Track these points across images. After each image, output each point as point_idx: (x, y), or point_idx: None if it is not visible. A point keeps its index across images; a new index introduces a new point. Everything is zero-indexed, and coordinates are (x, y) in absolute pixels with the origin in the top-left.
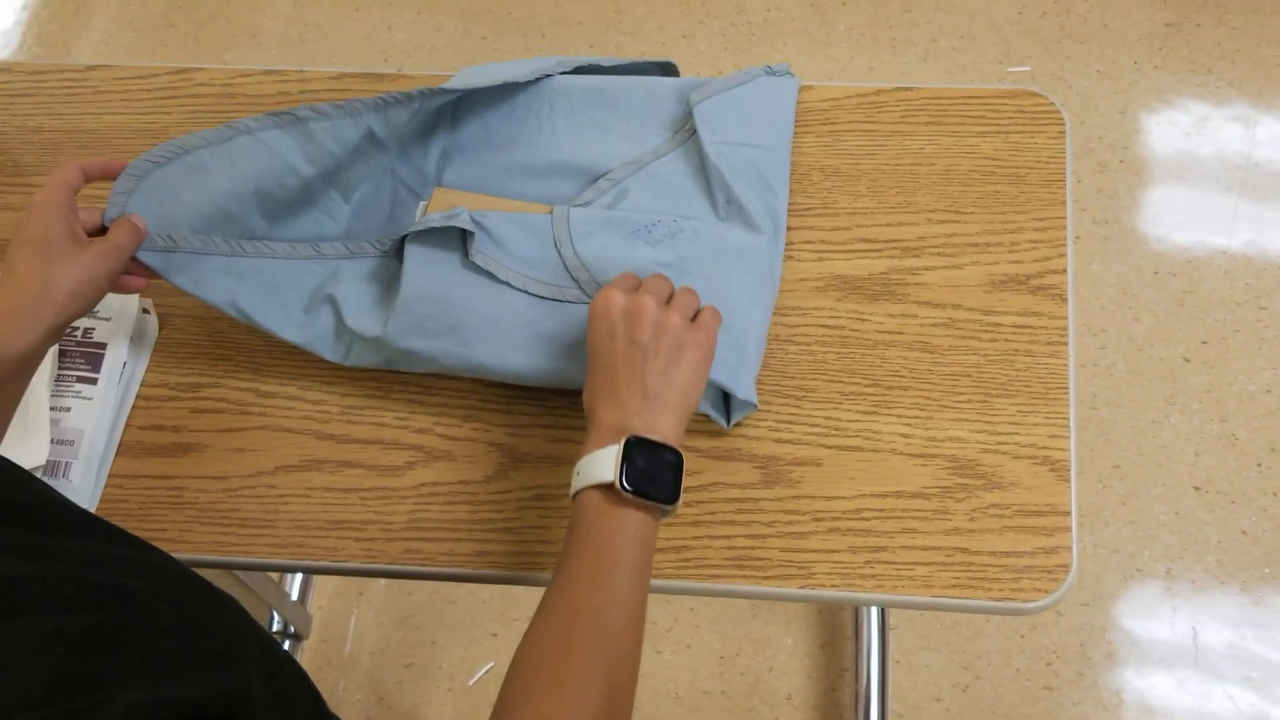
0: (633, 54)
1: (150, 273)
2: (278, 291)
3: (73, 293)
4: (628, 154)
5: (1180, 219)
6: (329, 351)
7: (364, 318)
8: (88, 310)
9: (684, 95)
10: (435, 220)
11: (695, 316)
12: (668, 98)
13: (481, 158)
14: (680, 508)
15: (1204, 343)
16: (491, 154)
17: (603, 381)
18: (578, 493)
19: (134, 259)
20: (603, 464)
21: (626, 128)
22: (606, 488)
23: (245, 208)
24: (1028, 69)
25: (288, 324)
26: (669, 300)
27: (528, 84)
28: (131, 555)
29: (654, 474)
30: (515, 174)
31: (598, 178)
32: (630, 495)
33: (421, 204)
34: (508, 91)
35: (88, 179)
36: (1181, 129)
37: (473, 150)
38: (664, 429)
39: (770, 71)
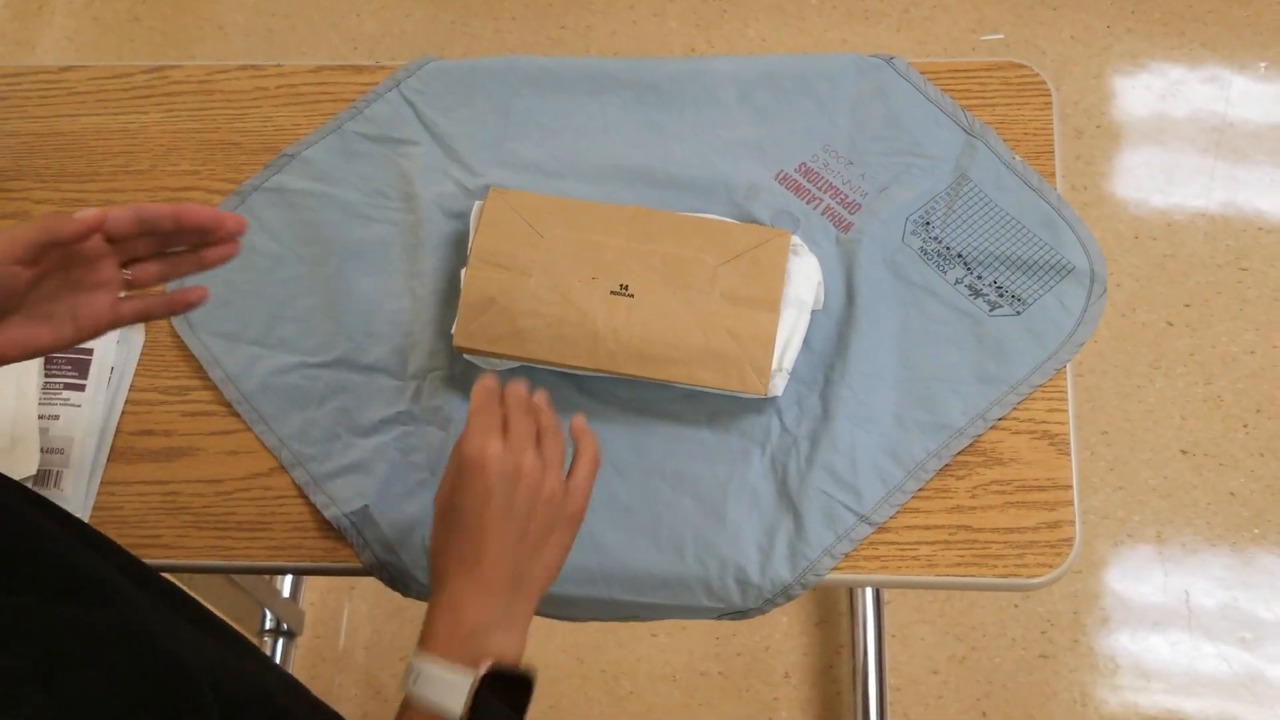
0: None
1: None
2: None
3: None
4: (681, 155)
5: (1158, 182)
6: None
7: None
8: None
9: (739, 81)
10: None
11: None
12: (721, 90)
13: (529, 152)
14: None
15: (1186, 306)
16: (540, 148)
17: (467, 547)
18: (411, 699)
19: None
20: (450, 692)
21: (681, 127)
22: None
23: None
24: (1001, 37)
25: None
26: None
27: (576, 74)
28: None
29: (507, 709)
30: (566, 176)
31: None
32: None
33: (476, 204)
34: (554, 82)
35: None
36: (1156, 92)
37: (519, 145)
38: (520, 629)
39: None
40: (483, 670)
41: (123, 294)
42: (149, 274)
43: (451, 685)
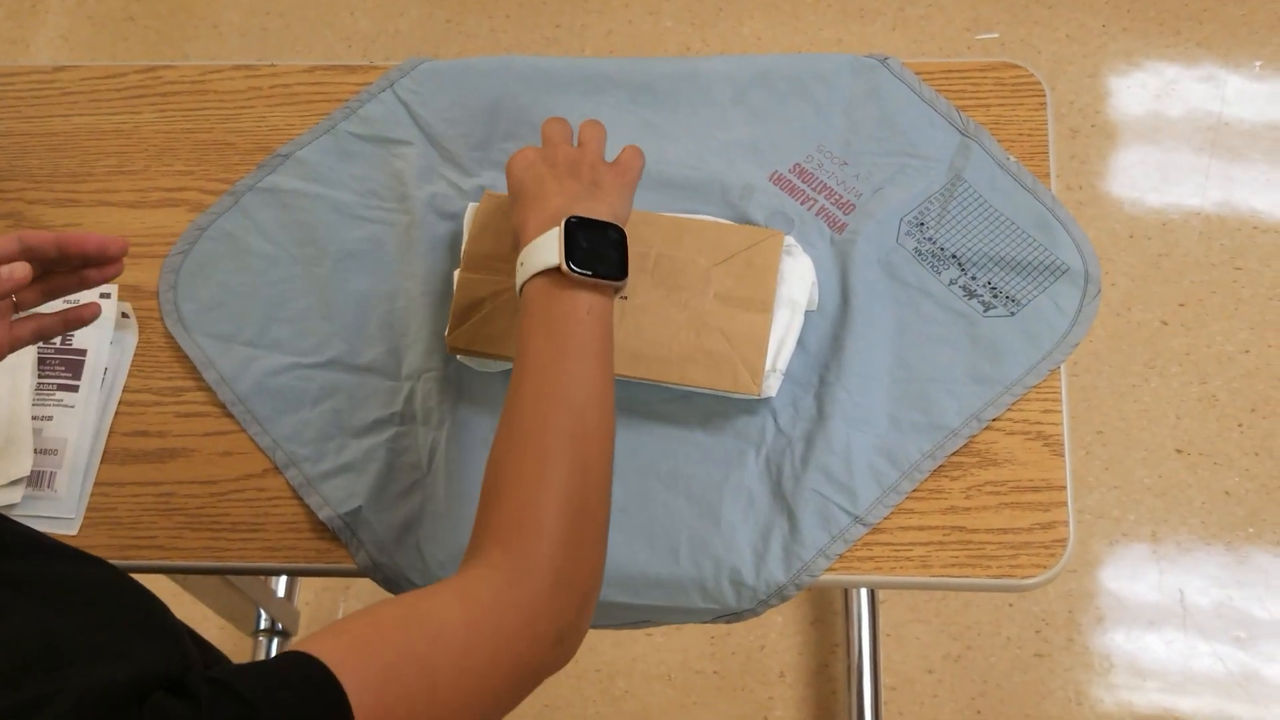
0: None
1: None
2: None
3: None
4: (676, 155)
5: (1153, 181)
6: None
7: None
8: None
9: (733, 82)
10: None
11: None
12: (716, 91)
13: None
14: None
15: (1181, 305)
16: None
17: (531, 195)
18: (524, 283)
19: None
20: (545, 249)
21: (675, 127)
22: (553, 272)
23: (279, 243)
24: (996, 35)
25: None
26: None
27: (571, 74)
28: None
29: (599, 252)
30: None
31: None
32: (578, 276)
33: (470, 206)
34: (548, 82)
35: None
36: (1152, 91)
37: (512, 146)
38: (601, 211)
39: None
40: (564, 218)
41: (15, 316)
42: (32, 297)
43: (546, 244)
